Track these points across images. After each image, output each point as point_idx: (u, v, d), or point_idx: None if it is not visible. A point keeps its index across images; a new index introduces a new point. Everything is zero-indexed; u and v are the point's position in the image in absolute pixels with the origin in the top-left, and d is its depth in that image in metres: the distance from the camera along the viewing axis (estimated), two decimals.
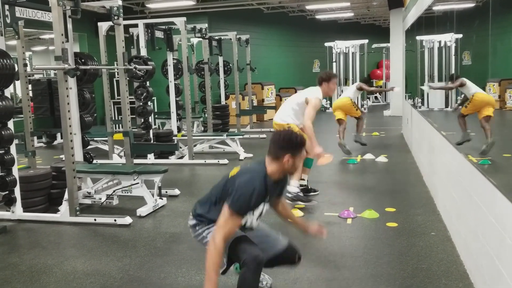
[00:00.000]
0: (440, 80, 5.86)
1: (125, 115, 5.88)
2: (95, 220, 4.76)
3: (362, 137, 9.07)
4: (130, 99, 6.08)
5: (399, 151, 8.41)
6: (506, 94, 4.32)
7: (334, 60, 16.52)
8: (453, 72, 5.14)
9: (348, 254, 3.76)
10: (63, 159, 5.37)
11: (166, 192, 5.65)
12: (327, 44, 16.76)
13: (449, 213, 4.18)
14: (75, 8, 4.94)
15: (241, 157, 7.97)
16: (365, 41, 16.90)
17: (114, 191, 5.15)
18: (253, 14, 15.63)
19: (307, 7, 15.64)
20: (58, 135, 10.80)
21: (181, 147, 8.30)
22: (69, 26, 5.10)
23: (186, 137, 8.08)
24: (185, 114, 8.29)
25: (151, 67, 6.84)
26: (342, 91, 16.40)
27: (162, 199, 5.30)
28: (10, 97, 4.61)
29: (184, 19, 7.90)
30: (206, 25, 9.41)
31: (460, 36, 4.69)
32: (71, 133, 4.82)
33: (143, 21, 7.94)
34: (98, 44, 7.87)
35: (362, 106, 16.63)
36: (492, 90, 4.17)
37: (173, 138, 8.46)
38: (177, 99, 8.83)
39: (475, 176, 3.12)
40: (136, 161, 6.64)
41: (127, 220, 4.68)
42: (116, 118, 12.17)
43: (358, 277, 3.34)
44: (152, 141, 7.81)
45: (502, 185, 2.58)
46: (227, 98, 12.12)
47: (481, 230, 2.99)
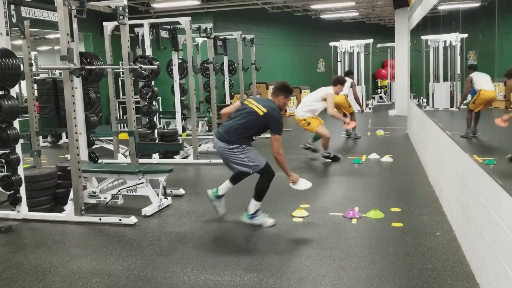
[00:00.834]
0: (445, 80, 5.84)
1: (130, 114, 5.89)
2: (100, 219, 4.77)
3: (355, 133, 9.73)
4: (135, 98, 6.09)
5: (404, 151, 8.39)
6: None
7: (339, 60, 16.49)
8: (458, 71, 5.13)
9: (353, 254, 3.75)
10: (68, 158, 5.39)
11: (171, 191, 5.66)
12: (332, 44, 16.74)
13: (454, 213, 4.16)
14: (81, 8, 4.96)
15: None
16: (370, 40, 16.87)
17: (119, 190, 5.16)
18: (258, 14, 15.63)
19: (312, 7, 15.63)
20: (64, 134, 10.84)
21: (186, 147, 8.31)
22: (75, 25, 5.11)
23: (191, 137, 8.09)
24: (190, 113, 8.30)
25: (156, 66, 6.85)
26: None
27: (167, 198, 5.31)
28: (15, 97, 4.62)
29: (189, 18, 7.91)
30: (211, 24, 9.41)
31: (465, 35, 4.67)
32: (76, 133, 4.84)
33: (148, 21, 7.96)
34: (103, 44, 7.89)
35: (367, 105, 16.60)
36: (497, 90, 4.15)
37: (178, 137, 8.47)
38: (182, 98, 8.84)
39: (480, 176, 3.11)
40: (141, 160, 6.66)
41: (132, 219, 4.69)
42: (121, 118, 12.21)
43: (363, 277, 3.33)
44: (157, 141, 7.82)
45: (508, 185, 2.56)
46: (232, 97, 12.12)
47: (487, 230, 2.98)
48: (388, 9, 16.07)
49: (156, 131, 7.79)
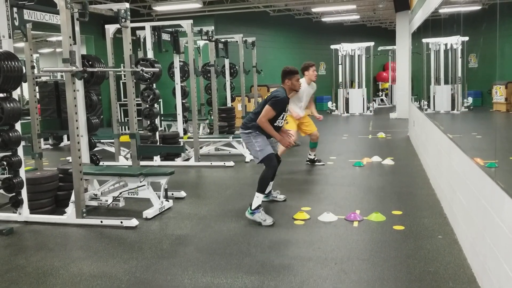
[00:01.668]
0: (446, 83, 5.84)
1: (132, 117, 5.90)
2: (101, 222, 4.77)
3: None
4: (136, 101, 6.10)
5: (405, 153, 8.39)
6: None
7: (340, 63, 16.52)
8: (459, 74, 5.13)
9: (355, 257, 3.75)
10: (70, 161, 5.40)
11: (172, 194, 5.66)
12: (333, 47, 16.76)
13: (456, 216, 4.16)
14: (83, 11, 4.98)
15: (247, 159, 7.97)
16: (371, 43, 16.89)
17: (120, 193, 5.17)
18: (259, 17, 15.66)
19: (313, 10, 15.65)
20: (65, 137, 10.86)
21: (187, 149, 8.31)
22: (77, 28, 5.14)
23: (192, 139, 8.09)
24: (191, 116, 8.31)
25: (157, 69, 6.87)
26: (348, 93, 16.46)
27: (168, 201, 5.31)
28: (17, 99, 4.63)
29: (191, 21, 7.93)
30: (213, 27, 9.44)
31: (466, 38, 4.67)
32: (78, 135, 4.84)
33: (150, 24, 7.98)
34: (105, 47, 7.90)
35: (368, 108, 16.60)
36: (498, 93, 4.15)
37: (179, 140, 8.48)
38: (183, 101, 8.85)
39: (482, 179, 3.11)
40: (142, 163, 6.66)
41: (134, 222, 4.69)
42: (123, 120, 12.22)
43: (365, 280, 3.33)
44: (158, 143, 7.83)
45: (510, 187, 2.56)
46: (233, 100, 12.13)
47: (488, 233, 2.98)
48: (389, 12, 16.08)
49: (157, 133, 7.80)
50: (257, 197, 4.62)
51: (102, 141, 8.47)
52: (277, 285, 3.29)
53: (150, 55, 7.78)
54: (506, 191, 2.59)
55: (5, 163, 4.62)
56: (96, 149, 5.80)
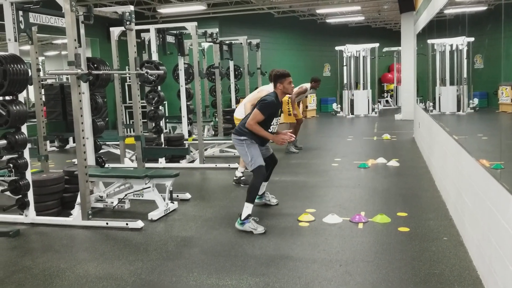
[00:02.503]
0: (452, 84, 5.82)
1: (137, 119, 5.92)
2: (107, 224, 4.79)
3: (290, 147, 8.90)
4: (141, 103, 6.12)
5: (411, 155, 8.37)
6: None
7: (344, 64, 16.50)
8: (465, 75, 5.11)
9: (360, 258, 3.75)
10: (76, 163, 5.42)
11: (178, 196, 5.67)
12: (337, 48, 16.74)
13: (461, 218, 4.15)
14: (88, 13, 5.00)
15: None
16: (376, 44, 16.86)
17: (126, 195, 5.18)
18: (263, 18, 15.67)
19: (318, 11, 15.64)
20: (71, 139, 10.89)
21: (192, 151, 8.33)
22: (82, 31, 5.16)
23: (197, 141, 8.11)
24: (196, 118, 8.32)
25: (162, 71, 6.88)
26: (353, 95, 16.44)
27: (173, 203, 5.32)
28: (23, 102, 4.66)
29: (195, 23, 7.95)
30: (217, 29, 9.46)
31: (472, 39, 4.66)
32: (83, 137, 4.86)
33: (155, 26, 8.00)
34: (110, 49, 7.94)
35: (373, 110, 16.55)
36: (504, 94, 4.13)
37: (184, 142, 8.50)
38: (188, 103, 8.87)
39: (488, 180, 3.10)
40: (147, 165, 6.68)
41: (139, 224, 4.71)
42: (128, 123, 12.26)
43: (370, 282, 3.32)
44: (163, 145, 7.85)
45: None
46: (237, 102, 12.13)
47: (494, 235, 2.96)
48: (394, 13, 16.06)
49: (162, 135, 7.82)
50: (246, 207, 4.47)
51: (107, 143, 8.50)
52: (282, 286, 3.29)
53: (155, 57, 7.80)
54: (511, 192, 2.58)
55: (11, 165, 4.64)
56: (101, 151, 5.82)
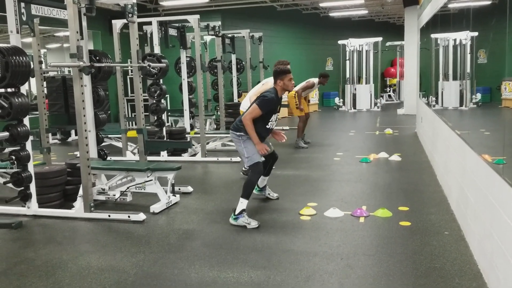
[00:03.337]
0: (455, 78, 5.80)
1: (139, 112, 5.92)
2: (109, 216, 4.80)
3: (299, 142, 8.89)
4: (143, 96, 6.12)
5: (413, 150, 8.36)
6: None
7: (347, 58, 16.45)
8: (468, 70, 5.09)
9: (361, 252, 3.75)
10: (78, 155, 5.43)
11: (179, 189, 5.68)
12: (340, 42, 16.69)
13: (463, 212, 4.15)
14: (90, 5, 4.99)
15: None
16: (379, 38, 16.79)
17: (128, 187, 5.19)
18: (266, 12, 15.61)
19: (321, 5, 15.60)
20: (73, 132, 10.91)
21: (194, 145, 8.33)
22: (84, 23, 5.15)
23: (199, 135, 8.11)
24: (198, 112, 8.32)
25: (164, 65, 6.87)
26: (355, 89, 16.41)
27: (175, 196, 5.33)
28: (25, 94, 4.66)
29: (198, 16, 7.92)
30: (219, 22, 9.43)
31: (475, 34, 4.64)
32: (85, 130, 4.87)
33: (157, 19, 7.98)
34: (112, 42, 7.92)
35: (376, 104, 16.52)
36: (508, 89, 4.12)
37: (186, 135, 8.50)
38: (190, 97, 8.87)
39: (490, 175, 3.09)
40: (149, 158, 6.69)
41: (141, 216, 4.72)
42: (130, 116, 12.26)
43: (371, 276, 3.33)
44: (165, 139, 7.86)
45: None
46: (239, 96, 12.14)
47: (496, 230, 2.96)
48: (397, 7, 15.99)
49: (164, 129, 7.82)
50: (241, 203, 4.47)
51: (109, 136, 8.51)
52: (283, 279, 3.30)
53: (157, 50, 7.79)
54: None
55: (14, 157, 4.66)
56: (103, 144, 5.82)
